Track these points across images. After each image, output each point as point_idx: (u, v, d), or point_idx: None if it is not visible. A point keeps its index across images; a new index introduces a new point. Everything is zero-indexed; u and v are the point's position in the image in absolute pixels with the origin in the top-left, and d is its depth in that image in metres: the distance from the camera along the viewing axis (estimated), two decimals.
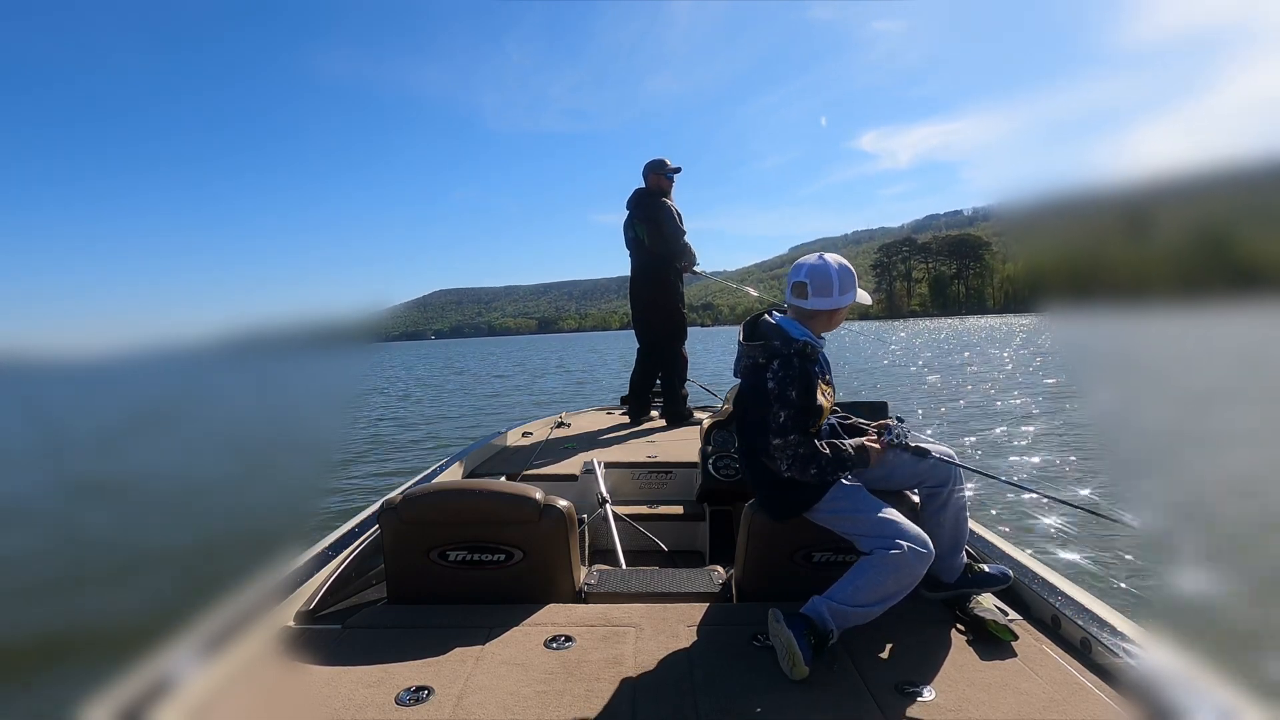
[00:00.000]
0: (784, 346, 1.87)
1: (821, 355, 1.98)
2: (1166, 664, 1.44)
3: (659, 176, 4.82)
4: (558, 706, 1.44)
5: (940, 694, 1.47)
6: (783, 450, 1.79)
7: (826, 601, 1.69)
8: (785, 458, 1.79)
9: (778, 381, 1.83)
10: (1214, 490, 5.52)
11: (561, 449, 3.98)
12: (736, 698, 1.47)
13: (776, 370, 1.85)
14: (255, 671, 1.60)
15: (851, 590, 1.69)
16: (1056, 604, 1.78)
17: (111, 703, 1.33)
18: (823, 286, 1.92)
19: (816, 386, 1.89)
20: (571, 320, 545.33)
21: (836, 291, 1.92)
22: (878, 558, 1.71)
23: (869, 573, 1.71)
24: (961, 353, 25.23)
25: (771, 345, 1.89)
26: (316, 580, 2.05)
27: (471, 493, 2.04)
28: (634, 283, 5.00)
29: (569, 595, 2.01)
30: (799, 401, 1.83)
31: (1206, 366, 12.42)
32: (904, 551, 1.69)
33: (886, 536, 1.74)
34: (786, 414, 1.81)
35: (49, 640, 3.57)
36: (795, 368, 1.85)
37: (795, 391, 1.83)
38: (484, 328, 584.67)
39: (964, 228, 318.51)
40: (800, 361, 1.86)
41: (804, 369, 1.86)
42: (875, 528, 1.78)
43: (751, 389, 1.94)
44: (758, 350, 1.91)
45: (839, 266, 1.94)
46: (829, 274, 1.92)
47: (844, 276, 1.94)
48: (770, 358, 1.88)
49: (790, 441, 1.79)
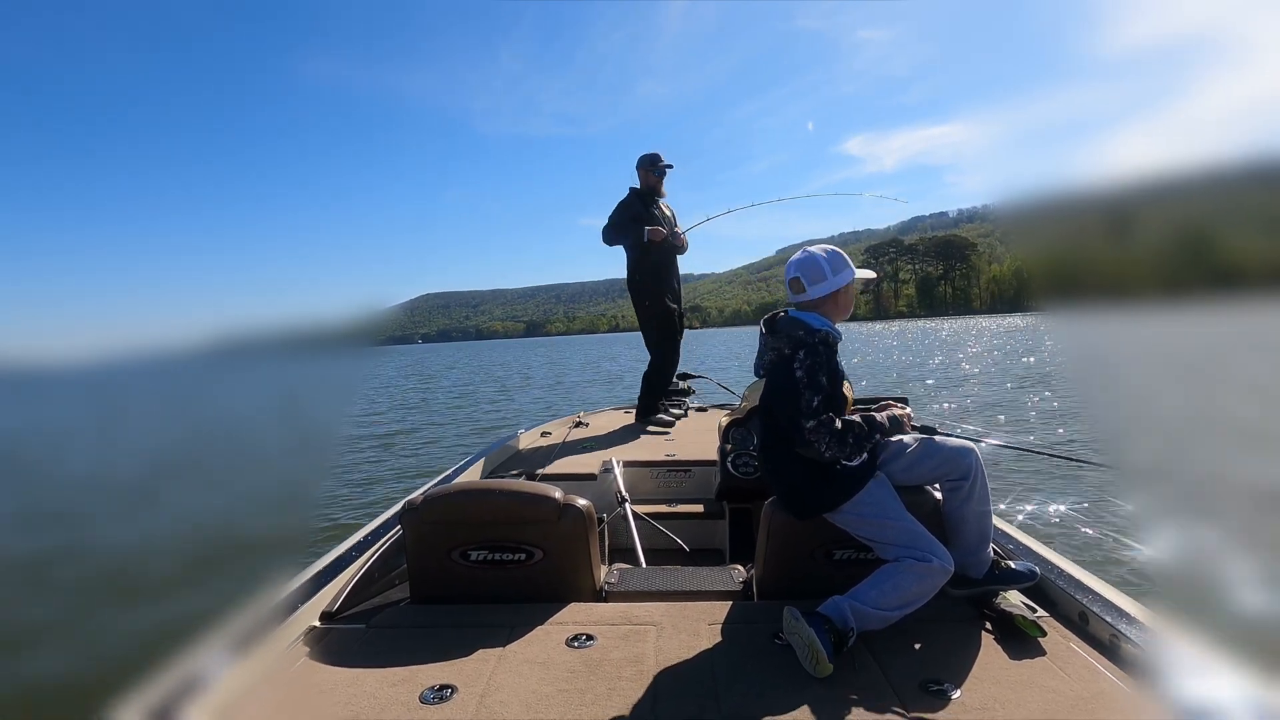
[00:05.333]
0: (808, 336, 1.90)
1: (838, 341, 2.01)
2: (1197, 661, 1.44)
3: (646, 172, 4.77)
4: (580, 705, 1.44)
5: (966, 692, 1.47)
6: (818, 431, 1.80)
7: (850, 601, 1.69)
8: (823, 437, 1.80)
9: (805, 369, 1.86)
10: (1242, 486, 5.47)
11: (580, 448, 3.98)
12: (759, 696, 1.47)
13: (803, 359, 1.87)
14: (282, 671, 1.62)
15: (877, 594, 1.70)
16: (1084, 601, 1.78)
17: (141, 702, 1.35)
18: (814, 274, 1.96)
19: (842, 375, 1.93)
20: (560, 323, 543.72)
21: (830, 273, 1.95)
22: (907, 565, 1.73)
23: (896, 578, 1.72)
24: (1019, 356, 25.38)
25: (796, 335, 1.91)
26: (340, 581, 2.07)
27: (492, 493, 2.05)
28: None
29: (589, 594, 2.02)
30: (829, 388, 1.86)
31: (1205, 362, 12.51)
32: (934, 564, 1.72)
33: (917, 549, 1.76)
34: (819, 398, 1.83)
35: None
36: (821, 354, 1.87)
37: (824, 377, 1.85)
38: (471, 331, 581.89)
39: (949, 229, 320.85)
40: (825, 349, 1.89)
41: (829, 355, 1.90)
42: (904, 537, 1.79)
43: (779, 382, 1.95)
44: (783, 342, 1.93)
45: (824, 251, 1.97)
46: (816, 260, 1.96)
47: (833, 258, 1.97)
48: (796, 347, 1.90)
49: (824, 420, 1.81)
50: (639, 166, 4.79)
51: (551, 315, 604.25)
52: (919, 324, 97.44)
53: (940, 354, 24.27)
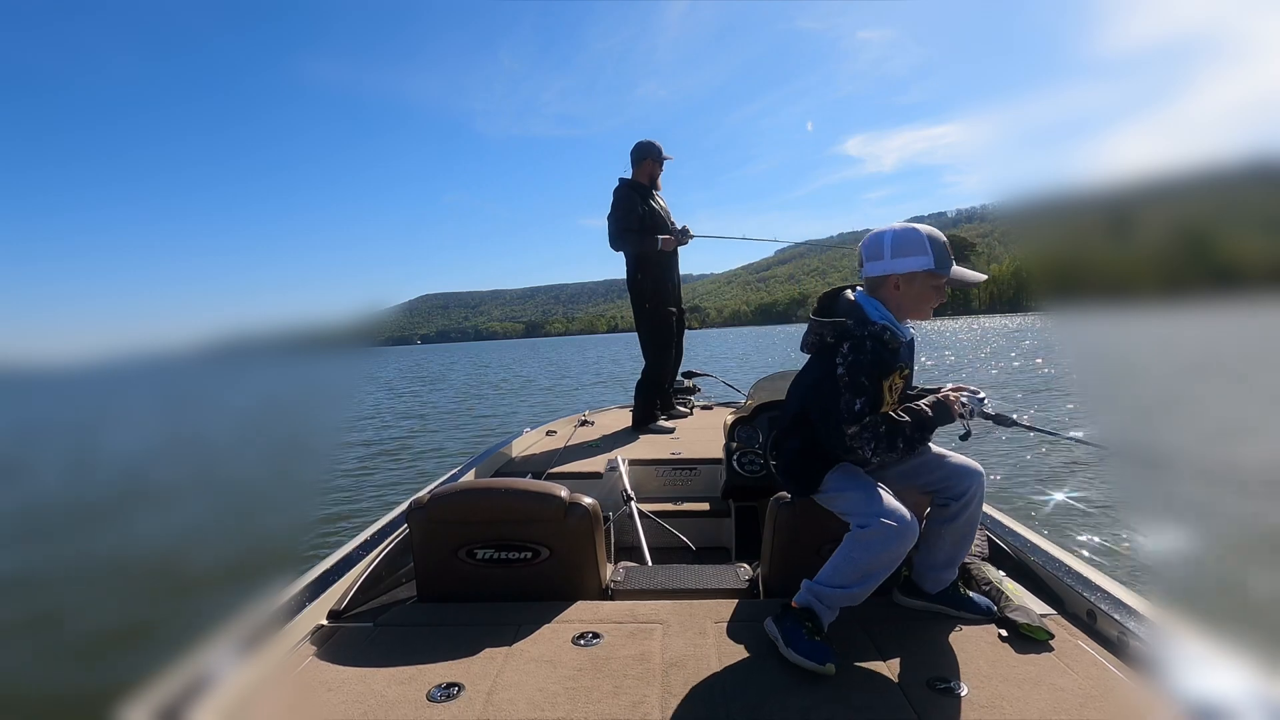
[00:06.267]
0: (857, 327, 1.67)
1: (905, 346, 1.76)
2: (1206, 659, 1.43)
3: (651, 163, 4.54)
4: (586, 703, 1.44)
5: (973, 690, 1.45)
6: (860, 436, 1.63)
7: (812, 585, 1.67)
8: (867, 443, 1.63)
9: (848, 367, 1.65)
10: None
11: (586, 447, 3.98)
12: (765, 693, 1.47)
13: (847, 354, 1.66)
14: (289, 669, 1.62)
15: (831, 570, 1.66)
16: (1092, 599, 1.76)
17: (149, 702, 1.34)
18: (872, 250, 1.71)
19: (890, 376, 1.71)
20: (559, 324, 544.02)
21: (888, 254, 1.68)
22: (853, 534, 1.66)
23: (846, 550, 1.66)
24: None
25: (845, 325, 1.68)
26: (347, 580, 2.07)
27: (498, 491, 2.04)
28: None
29: (596, 592, 2.01)
30: (872, 389, 1.66)
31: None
32: (875, 527, 1.62)
33: (865, 514, 1.66)
34: (861, 401, 1.64)
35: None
36: (868, 351, 1.65)
37: (867, 378, 1.65)
38: (470, 332, 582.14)
39: (948, 229, 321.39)
40: (874, 345, 1.66)
41: (877, 354, 1.66)
42: (856, 505, 1.70)
43: (816, 374, 1.76)
44: (828, 328, 1.71)
45: (898, 228, 1.70)
46: (878, 236, 1.71)
47: (901, 238, 1.69)
48: (841, 339, 1.68)
49: (868, 424, 1.63)
50: (640, 157, 4.55)
51: (550, 316, 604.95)
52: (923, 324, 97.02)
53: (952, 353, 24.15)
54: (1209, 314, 2.75)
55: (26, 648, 3.57)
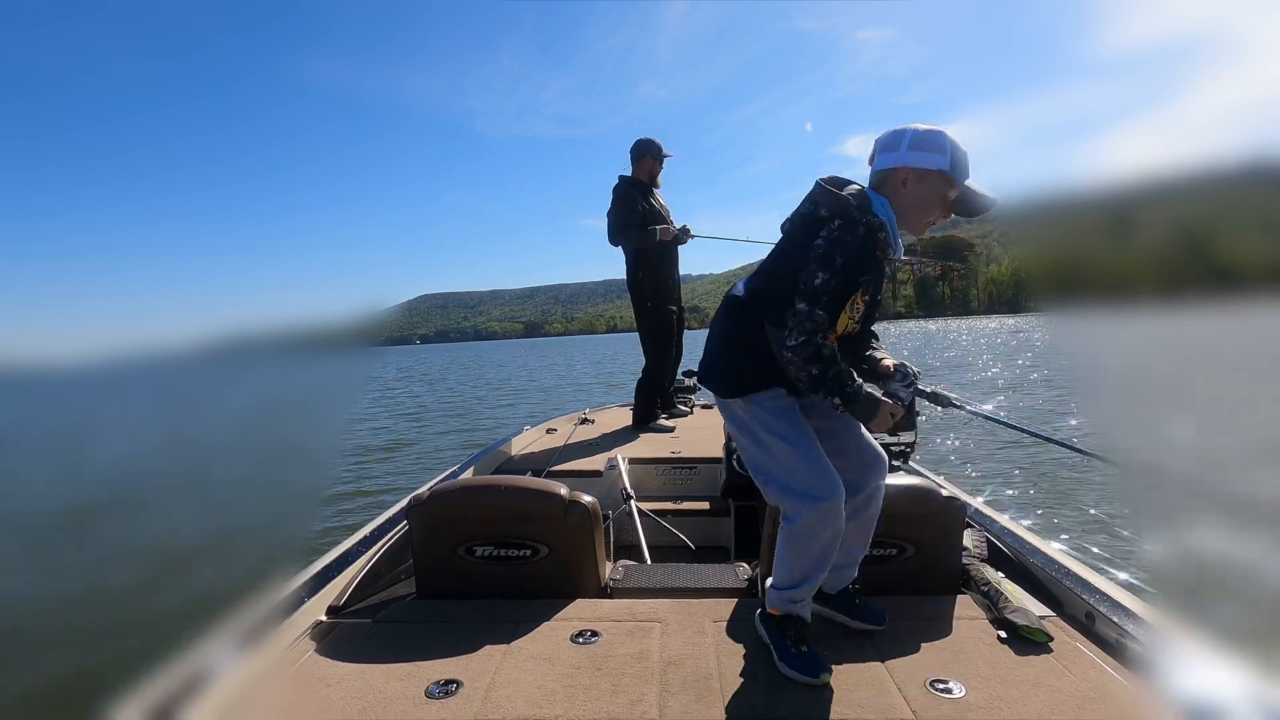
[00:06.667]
0: (858, 211, 1.48)
1: (889, 257, 1.58)
2: (1204, 661, 1.44)
3: (650, 160, 4.56)
4: (584, 701, 1.45)
5: (971, 691, 1.46)
6: (799, 321, 1.44)
7: (773, 590, 1.64)
8: (800, 330, 1.44)
9: (831, 241, 1.46)
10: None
11: (586, 445, 3.99)
12: (763, 692, 1.48)
13: (835, 229, 1.47)
14: (288, 665, 1.63)
15: (785, 573, 1.60)
16: (1091, 601, 1.77)
17: (143, 701, 1.34)
18: (889, 142, 1.54)
19: (866, 278, 1.53)
20: (559, 324, 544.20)
21: (905, 146, 1.51)
22: (785, 535, 1.57)
23: (783, 554, 1.60)
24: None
25: (846, 202, 1.48)
26: (347, 575, 2.08)
27: (497, 489, 2.05)
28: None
29: (594, 590, 2.02)
30: (841, 280, 1.47)
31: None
32: (801, 519, 1.53)
33: (788, 491, 1.54)
34: (824, 280, 1.44)
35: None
36: (859, 236, 1.47)
37: (844, 259, 1.46)
38: (470, 332, 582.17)
39: (946, 230, 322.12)
40: (866, 234, 1.48)
41: (866, 246, 1.49)
42: (782, 473, 1.56)
43: (787, 246, 1.57)
44: (827, 199, 1.51)
45: (923, 127, 1.53)
46: (899, 131, 1.54)
47: (926, 136, 1.51)
48: (835, 215, 1.49)
49: (817, 316, 1.44)
50: (640, 154, 4.56)
51: (550, 315, 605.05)
52: (911, 325, 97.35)
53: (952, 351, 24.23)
54: (1209, 314, 2.76)
55: (26, 648, 3.57)
